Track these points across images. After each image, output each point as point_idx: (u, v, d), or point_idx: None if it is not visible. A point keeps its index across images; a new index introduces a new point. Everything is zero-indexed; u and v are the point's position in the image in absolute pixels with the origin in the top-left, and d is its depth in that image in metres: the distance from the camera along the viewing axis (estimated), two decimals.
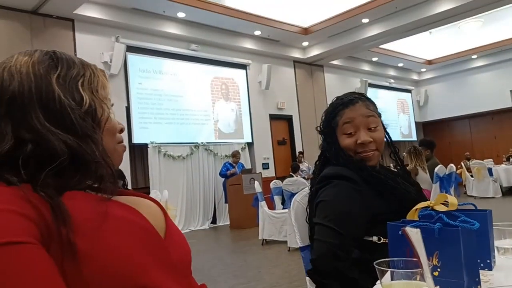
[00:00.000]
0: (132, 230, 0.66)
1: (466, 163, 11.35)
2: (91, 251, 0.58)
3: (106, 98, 0.76)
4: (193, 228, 8.43)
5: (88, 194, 0.68)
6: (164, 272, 0.66)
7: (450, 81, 15.30)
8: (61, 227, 0.57)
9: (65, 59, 0.73)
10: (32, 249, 0.54)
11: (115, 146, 0.77)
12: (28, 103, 0.65)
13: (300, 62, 11.68)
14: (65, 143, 0.64)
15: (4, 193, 0.58)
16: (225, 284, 4.10)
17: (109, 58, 7.75)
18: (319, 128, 1.59)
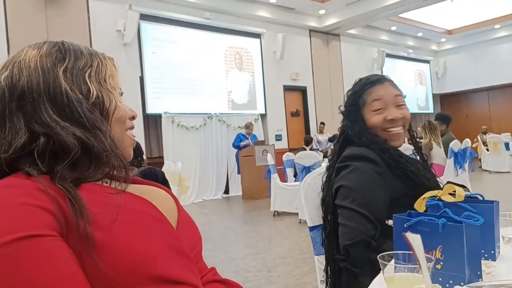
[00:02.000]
0: (145, 221, 0.68)
1: (482, 136, 11.18)
2: (107, 242, 0.61)
3: (114, 88, 0.76)
4: (206, 198, 8.56)
5: (103, 186, 0.70)
6: (177, 261, 0.69)
7: (470, 52, 14.87)
8: (79, 220, 0.60)
9: (72, 50, 0.73)
10: (52, 242, 0.57)
11: (123, 136, 0.77)
12: (37, 98, 0.67)
13: (316, 31, 11.44)
14: (74, 136, 0.65)
15: (25, 186, 0.60)
16: (236, 254, 4.20)
17: (122, 27, 7.70)
18: (342, 108, 1.59)
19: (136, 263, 0.62)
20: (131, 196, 0.72)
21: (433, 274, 0.79)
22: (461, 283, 0.78)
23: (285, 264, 3.74)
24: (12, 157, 0.64)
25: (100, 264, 0.59)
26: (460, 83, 15.19)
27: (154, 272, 0.64)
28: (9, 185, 0.60)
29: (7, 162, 0.64)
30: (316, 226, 1.69)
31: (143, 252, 0.64)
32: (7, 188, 0.59)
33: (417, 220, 0.85)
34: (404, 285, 0.74)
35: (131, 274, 0.61)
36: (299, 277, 3.34)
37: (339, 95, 12.12)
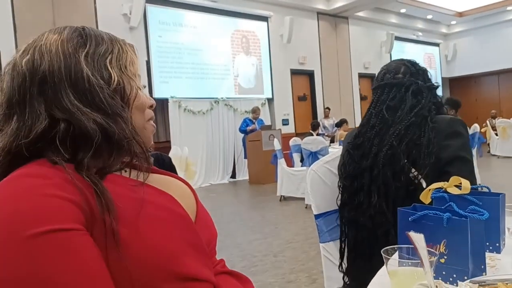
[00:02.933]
0: (168, 217, 0.68)
1: (491, 121, 11.07)
2: (131, 238, 0.61)
3: (135, 75, 0.75)
4: (213, 182, 8.62)
5: (126, 178, 0.70)
6: (196, 257, 0.69)
7: (481, 35, 14.61)
8: (106, 215, 0.59)
9: (93, 36, 0.72)
10: (79, 236, 0.57)
11: (144, 123, 0.76)
12: (59, 83, 0.65)
13: (324, 14, 11.29)
14: (95, 122, 0.64)
15: (52, 176, 0.59)
16: (242, 238, 4.24)
17: (128, 10, 7.65)
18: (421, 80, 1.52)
19: (159, 260, 0.62)
20: (154, 190, 0.71)
21: (436, 268, 0.80)
22: (464, 277, 0.79)
23: (291, 249, 3.77)
24: (32, 142, 0.63)
25: (124, 260, 0.59)
26: (469, 67, 14.98)
27: (175, 269, 0.64)
28: (36, 174, 0.59)
29: (27, 147, 0.63)
30: (321, 214, 1.70)
31: (166, 249, 0.64)
32: (34, 178, 0.59)
33: (422, 214, 0.85)
34: (408, 279, 0.74)
35: (153, 271, 0.62)
36: (305, 262, 3.37)
37: (347, 79, 12.04)
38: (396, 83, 1.47)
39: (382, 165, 1.36)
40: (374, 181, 1.38)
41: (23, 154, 0.63)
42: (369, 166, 1.39)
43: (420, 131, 1.35)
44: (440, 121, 1.38)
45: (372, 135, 1.44)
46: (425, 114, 1.38)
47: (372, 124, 1.46)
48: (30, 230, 0.53)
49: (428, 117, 1.37)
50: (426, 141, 1.32)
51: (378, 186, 1.37)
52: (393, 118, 1.41)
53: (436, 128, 1.35)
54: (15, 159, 0.63)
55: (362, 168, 1.41)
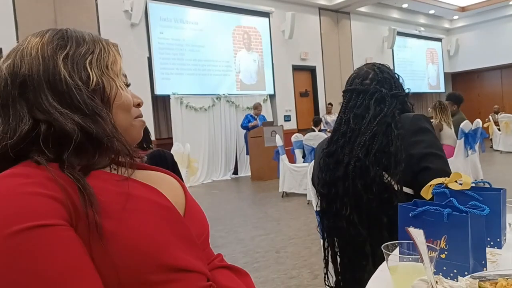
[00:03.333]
0: (154, 210, 0.69)
1: (494, 116, 11.03)
2: (116, 231, 0.62)
3: (117, 74, 0.75)
4: (215, 179, 8.63)
5: (111, 174, 0.71)
6: (185, 249, 0.70)
7: (484, 30, 14.54)
8: (88, 209, 0.60)
9: (75, 37, 0.73)
10: (62, 231, 0.57)
11: (130, 121, 0.77)
12: (38, 85, 0.67)
13: (326, 9, 11.25)
14: (73, 122, 0.66)
15: (34, 175, 0.60)
16: (244, 235, 4.25)
17: (129, 7, 7.64)
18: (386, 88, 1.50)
19: (144, 252, 0.63)
20: (139, 184, 0.72)
21: (437, 263, 0.80)
22: (465, 273, 0.79)
23: (293, 245, 3.78)
24: (17, 144, 0.64)
25: (109, 253, 0.60)
26: (472, 62, 14.91)
27: (162, 260, 0.65)
28: (18, 174, 0.60)
29: (13, 149, 0.64)
30: None
31: (151, 241, 0.64)
32: (16, 177, 0.60)
33: (422, 210, 0.85)
34: (408, 274, 0.74)
35: (140, 263, 0.62)
36: (307, 257, 3.38)
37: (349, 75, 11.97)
38: (362, 90, 1.47)
39: (352, 178, 1.36)
40: (346, 193, 1.38)
41: (9, 156, 0.64)
42: (342, 176, 1.40)
43: (387, 139, 1.35)
44: (404, 120, 1.38)
45: (343, 143, 1.43)
46: (388, 121, 1.37)
47: (342, 131, 1.46)
48: (12, 228, 0.54)
49: (391, 123, 1.36)
50: (394, 150, 1.32)
51: (350, 198, 1.37)
52: (359, 127, 1.41)
53: (402, 129, 1.35)
54: (3, 162, 0.65)
55: (336, 177, 1.42)
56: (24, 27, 6.42)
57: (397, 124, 1.36)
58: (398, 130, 1.34)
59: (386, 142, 1.34)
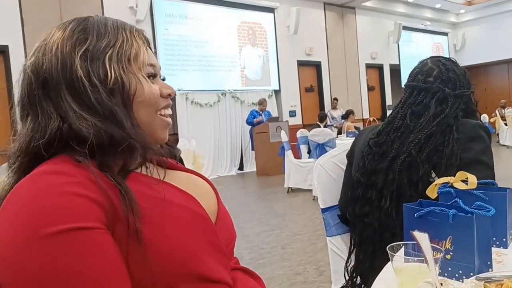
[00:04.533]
0: (188, 217, 0.68)
1: (501, 111, 10.96)
2: (152, 238, 0.61)
3: (140, 68, 0.71)
4: (220, 174, 8.65)
5: (146, 176, 0.69)
6: (216, 258, 0.69)
7: (490, 24, 14.39)
8: (129, 214, 0.60)
9: (96, 28, 0.70)
10: (99, 234, 0.57)
11: (153, 117, 0.73)
12: (57, 84, 0.66)
13: (331, 4, 11.20)
14: (89, 125, 0.64)
15: (75, 174, 0.60)
16: (250, 231, 4.27)
17: (135, 3, 7.65)
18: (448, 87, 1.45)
19: (179, 260, 0.63)
20: (175, 190, 0.71)
21: (442, 264, 0.80)
22: (470, 274, 0.79)
23: (298, 241, 3.79)
24: (49, 142, 0.63)
25: (146, 259, 0.60)
26: (479, 56, 14.79)
27: (195, 270, 0.64)
28: (60, 172, 0.60)
29: (45, 148, 0.63)
30: (328, 208, 1.70)
31: (186, 249, 0.64)
32: (58, 175, 0.59)
33: (428, 210, 0.85)
34: (413, 275, 0.75)
35: (174, 271, 0.62)
36: (313, 253, 3.38)
37: (354, 70, 11.96)
38: (424, 88, 1.43)
39: (399, 171, 1.34)
40: (387, 185, 1.36)
41: (41, 154, 0.63)
42: (385, 168, 1.38)
43: (444, 138, 1.32)
44: (464, 125, 1.35)
45: (394, 137, 1.41)
46: (450, 122, 1.34)
47: (396, 126, 1.43)
48: (48, 229, 0.54)
49: (453, 126, 1.34)
50: (449, 152, 1.29)
51: (392, 190, 1.35)
52: (414, 124, 1.38)
53: (460, 134, 1.32)
54: (35, 159, 0.64)
55: (379, 168, 1.40)
56: (30, 24, 6.45)
57: (458, 127, 1.33)
58: (458, 134, 1.31)
59: (442, 141, 1.31)
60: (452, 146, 1.30)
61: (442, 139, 1.32)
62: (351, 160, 1.58)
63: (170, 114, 0.78)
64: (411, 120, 1.41)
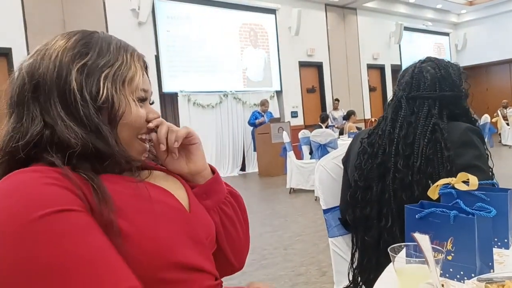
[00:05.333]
0: (165, 211, 0.71)
1: (502, 111, 10.94)
2: (130, 231, 0.64)
3: (133, 91, 0.73)
4: (222, 175, 8.56)
5: (123, 177, 0.72)
6: (195, 249, 0.72)
7: (492, 24, 14.37)
8: (103, 207, 0.62)
9: (99, 46, 0.71)
10: (83, 215, 0.60)
11: (132, 140, 0.75)
12: (49, 91, 0.67)
13: (332, 5, 11.20)
14: (77, 136, 0.65)
15: (48, 171, 0.62)
16: (252, 232, 4.22)
17: (137, 5, 7.67)
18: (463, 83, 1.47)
19: (156, 250, 0.65)
20: (150, 186, 0.74)
21: (444, 265, 0.81)
22: (471, 275, 0.80)
23: (301, 241, 3.80)
24: (27, 144, 0.65)
25: (124, 250, 0.62)
26: (480, 56, 14.76)
27: (174, 259, 0.67)
28: (34, 170, 0.62)
29: (24, 149, 0.65)
30: (330, 209, 1.71)
31: (164, 240, 0.67)
32: (31, 173, 0.62)
33: (429, 212, 0.86)
34: (414, 276, 0.75)
35: (152, 261, 0.65)
36: (315, 254, 3.39)
37: (356, 70, 11.96)
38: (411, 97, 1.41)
39: (394, 190, 1.31)
40: (385, 204, 1.34)
41: (20, 157, 0.65)
42: (377, 178, 1.36)
43: (435, 147, 1.30)
44: (454, 128, 1.32)
45: (392, 152, 1.36)
46: (436, 128, 1.32)
47: (383, 131, 1.41)
48: (34, 213, 0.56)
49: (441, 131, 1.31)
50: (442, 160, 1.27)
51: (391, 209, 1.32)
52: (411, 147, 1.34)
53: (450, 138, 1.30)
54: (13, 162, 0.66)
55: (371, 177, 1.38)
56: (33, 28, 6.47)
57: (443, 132, 1.30)
58: (446, 139, 1.29)
59: (434, 150, 1.29)
60: (442, 154, 1.28)
61: (433, 148, 1.30)
62: (346, 166, 1.57)
63: (150, 139, 0.80)
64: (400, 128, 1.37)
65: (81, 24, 6.81)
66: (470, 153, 1.29)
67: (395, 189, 1.31)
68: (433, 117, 1.35)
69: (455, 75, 1.46)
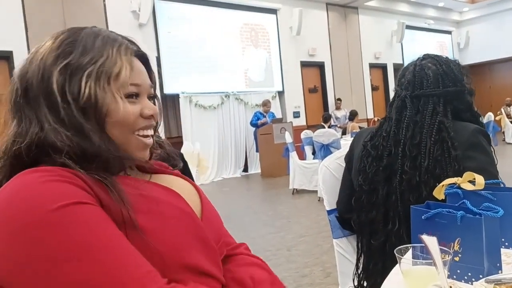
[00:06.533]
0: (175, 213, 0.70)
1: (506, 109, 10.90)
2: (148, 227, 0.65)
3: (120, 87, 0.70)
4: (225, 176, 8.64)
5: (132, 178, 0.72)
6: (203, 252, 0.71)
7: (494, 21, 14.31)
8: (122, 206, 0.63)
9: (83, 43, 0.69)
10: (96, 208, 0.61)
11: (129, 138, 0.72)
12: (36, 94, 0.67)
13: (333, 4, 11.18)
14: (63, 138, 0.65)
15: (57, 170, 0.62)
16: (255, 233, 4.26)
17: (137, 7, 7.67)
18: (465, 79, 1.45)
19: (166, 252, 0.65)
20: (160, 188, 0.74)
21: (451, 266, 0.79)
22: (479, 276, 0.78)
23: (304, 242, 3.78)
24: (29, 147, 0.65)
25: (150, 242, 0.63)
26: (483, 54, 14.70)
27: (186, 260, 0.67)
28: (42, 170, 0.62)
29: (26, 152, 0.65)
30: (334, 210, 1.69)
31: (172, 242, 0.67)
32: (41, 172, 0.61)
33: (435, 212, 0.84)
34: (421, 278, 0.74)
35: (162, 263, 0.64)
36: (319, 255, 3.37)
37: (358, 70, 11.93)
38: (415, 96, 1.39)
39: (401, 192, 1.29)
40: (392, 208, 1.31)
41: (24, 160, 0.65)
42: (383, 181, 1.33)
43: (442, 148, 1.27)
44: (463, 129, 1.29)
45: (399, 154, 1.34)
46: (441, 128, 1.29)
47: (387, 133, 1.38)
48: (54, 204, 0.57)
49: (448, 130, 1.28)
50: (450, 161, 1.25)
51: (398, 212, 1.30)
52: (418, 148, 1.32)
53: (457, 139, 1.27)
54: (18, 165, 0.65)
55: (377, 180, 1.35)
56: (34, 29, 6.47)
57: (449, 131, 1.27)
58: (454, 139, 1.26)
59: (441, 152, 1.26)
60: (449, 153, 1.25)
61: (440, 149, 1.27)
62: (350, 166, 1.54)
63: (151, 134, 0.77)
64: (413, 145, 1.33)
65: (82, 26, 6.81)
66: (480, 157, 1.26)
67: (402, 191, 1.29)
68: (438, 115, 1.33)
69: (457, 70, 1.45)
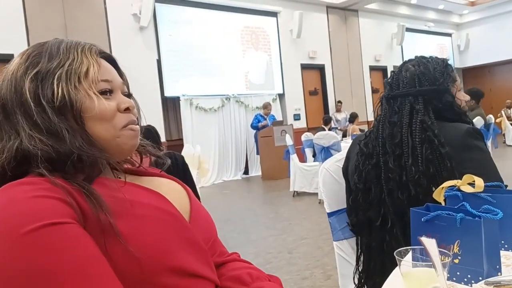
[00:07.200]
0: (159, 216, 0.70)
1: (506, 111, 10.90)
2: (129, 232, 0.64)
3: (91, 84, 0.72)
4: (226, 179, 8.65)
5: (113, 180, 0.73)
6: (193, 254, 0.71)
7: (494, 24, 14.33)
8: (100, 212, 0.63)
9: (49, 51, 0.72)
10: (71, 228, 0.60)
11: (114, 133, 0.74)
12: (12, 108, 0.69)
13: (334, 7, 11.20)
14: (36, 143, 0.66)
15: (40, 182, 0.63)
16: (256, 235, 4.26)
17: (138, 10, 7.68)
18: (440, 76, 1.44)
19: (150, 256, 0.65)
20: (143, 190, 0.74)
21: (450, 268, 0.80)
22: (479, 278, 0.78)
23: (305, 245, 3.78)
24: (10, 162, 0.66)
25: (129, 248, 0.62)
26: (483, 56, 14.72)
27: (170, 263, 0.67)
28: (25, 182, 0.63)
29: (10, 167, 0.66)
30: (334, 212, 1.70)
31: (159, 245, 0.67)
32: (23, 185, 0.62)
33: (435, 215, 0.85)
34: (421, 280, 0.74)
35: (148, 266, 0.64)
36: (320, 258, 3.37)
37: (358, 72, 11.95)
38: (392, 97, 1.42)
39: (389, 191, 1.30)
40: (385, 207, 1.32)
41: (8, 175, 0.66)
42: (375, 181, 1.35)
43: (431, 147, 1.28)
44: (454, 130, 1.30)
45: (380, 152, 1.37)
46: (425, 128, 1.30)
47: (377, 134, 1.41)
48: (25, 227, 0.56)
49: (433, 130, 1.29)
50: (442, 159, 1.25)
51: (390, 212, 1.31)
52: (400, 147, 1.33)
53: (449, 144, 1.27)
54: (2, 181, 0.66)
55: (369, 178, 1.37)
56: (35, 32, 6.49)
57: (434, 131, 1.28)
58: (441, 143, 1.26)
59: (431, 150, 1.27)
60: (439, 152, 1.26)
61: (429, 148, 1.28)
62: (346, 175, 1.55)
63: (137, 126, 0.78)
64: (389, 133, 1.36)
65: (83, 29, 6.84)
66: (477, 156, 1.27)
67: (390, 189, 1.31)
68: (418, 114, 1.35)
69: (435, 70, 1.46)
